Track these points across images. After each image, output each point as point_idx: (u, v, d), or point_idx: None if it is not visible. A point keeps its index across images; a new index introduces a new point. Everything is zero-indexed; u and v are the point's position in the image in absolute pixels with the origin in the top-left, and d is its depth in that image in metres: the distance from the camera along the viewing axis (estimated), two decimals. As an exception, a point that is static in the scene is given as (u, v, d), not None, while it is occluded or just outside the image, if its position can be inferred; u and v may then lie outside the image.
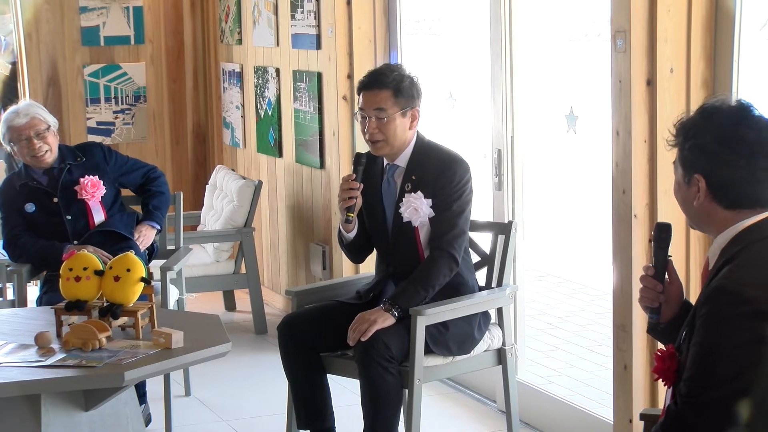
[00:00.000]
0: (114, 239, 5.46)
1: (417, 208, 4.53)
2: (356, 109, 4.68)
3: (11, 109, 5.56)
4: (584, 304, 7.90)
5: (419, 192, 4.54)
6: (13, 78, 8.51)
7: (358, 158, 4.64)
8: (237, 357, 6.09)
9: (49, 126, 5.50)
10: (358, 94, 4.66)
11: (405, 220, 4.54)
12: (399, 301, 4.46)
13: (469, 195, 4.61)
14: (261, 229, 7.59)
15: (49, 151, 5.48)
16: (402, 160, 4.64)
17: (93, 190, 5.46)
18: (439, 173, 4.57)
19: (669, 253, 3.02)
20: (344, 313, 4.64)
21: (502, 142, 5.41)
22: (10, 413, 3.88)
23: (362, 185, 4.59)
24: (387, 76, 4.59)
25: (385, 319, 4.41)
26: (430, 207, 4.53)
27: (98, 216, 5.53)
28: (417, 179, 4.58)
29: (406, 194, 4.57)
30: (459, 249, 4.57)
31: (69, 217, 5.49)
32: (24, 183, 5.53)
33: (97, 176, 5.51)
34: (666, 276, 3.03)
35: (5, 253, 5.81)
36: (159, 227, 5.70)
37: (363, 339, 4.37)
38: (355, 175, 4.59)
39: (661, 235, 3.02)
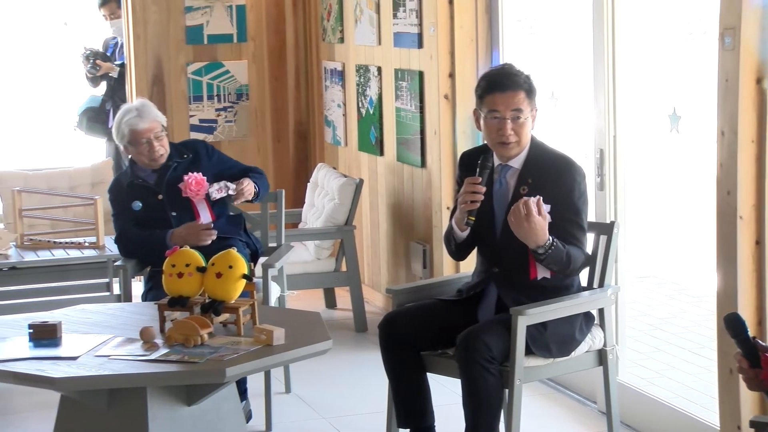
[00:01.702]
0: (218, 238, 5.48)
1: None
2: (483, 111, 4.57)
3: (129, 109, 5.58)
4: (686, 306, 7.80)
5: (538, 196, 4.47)
6: (121, 79, 8.65)
7: (484, 161, 4.55)
8: (337, 355, 6.11)
9: (164, 127, 5.58)
10: (485, 96, 4.54)
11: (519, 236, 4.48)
12: (555, 246, 4.38)
13: (587, 202, 4.58)
14: (362, 227, 7.61)
15: (165, 153, 5.56)
16: (516, 162, 4.60)
17: (197, 188, 5.47)
18: (558, 179, 4.52)
19: (751, 335, 3.01)
20: (445, 311, 4.64)
21: (605, 141, 5.37)
22: (118, 405, 3.95)
23: (485, 188, 4.54)
24: (518, 76, 4.54)
25: (538, 235, 4.34)
26: (548, 213, 4.47)
27: (204, 214, 5.55)
28: (533, 183, 4.52)
29: (523, 198, 4.50)
30: (586, 254, 4.58)
31: (174, 214, 5.54)
32: (131, 182, 5.60)
33: (201, 173, 5.53)
34: (760, 355, 3.01)
35: (115, 248, 5.90)
36: (258, 188, 5.62)
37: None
38: (480, 179, 4.54)
39: (736, 328, 3.01)
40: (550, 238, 4.38)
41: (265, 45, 8.28)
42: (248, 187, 5.55)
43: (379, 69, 7.23)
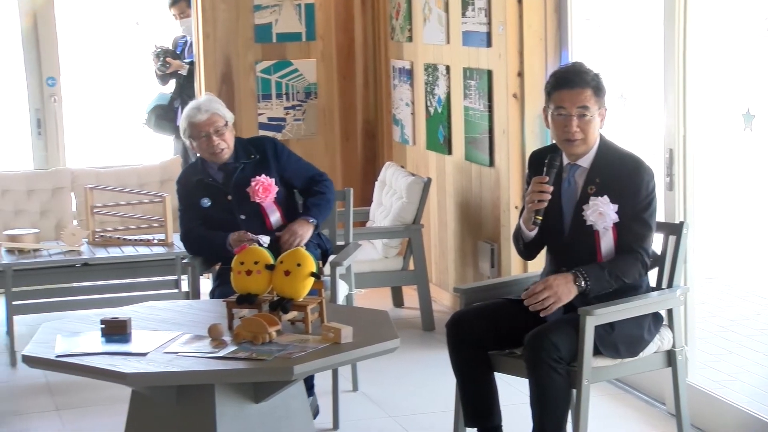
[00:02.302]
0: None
1: (603, 213, 4.46)
2: (550, 107, 4.57)
3: (192, 104, 5.59)
4: (759, 308, 7.71)
5: (605, 196, 4.47)
6: (190, 77, 8.71)
7: (552, 161, 4.55)
8: (404, 353, 6.11)
9: (227, 122, 5.53)
10: (553, 92, 4.54)
11: (588, 223, 4.47)
12: (590, 277, 4.42)
13: (656, 202, 4.55)
14: (429, 226, 7.61)
15: (226, 148, 5.52)
16: (585, 161, 4.58)
17: (265, 194, 5.43)
18: (627, 179, 4.50)
19: None
20: (513, 311, 4.62)
21: (675, 141, 5.32)
22: (187, 401, 3.98)
23: (552, 188, 4.53)
24: (587, 74, 4.53)
25: (569, 292, 4.40)
26: (616, 213, 4.45)
27: (273, 216, 5.54)
28: (601, 182, 4.51)
29: (591, 197, 4.49)
30: (650, 257, 4.54)
31: (243, 217, 5.50)
32: (200, 179, 5.59)
33: (269, 176, 5.47)
34: None
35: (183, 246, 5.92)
36: (314, 221, 5.53)
37: (542, 314, 4.41)
38: (547, 178, 4.53)
39: None
40: (578, 275, 4.42)
41: (333, 43, 8.30)
42: (297, 239, 5.42)
43: (448, 68, 7.22)
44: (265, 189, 5.42)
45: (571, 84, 4.51)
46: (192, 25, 8.62)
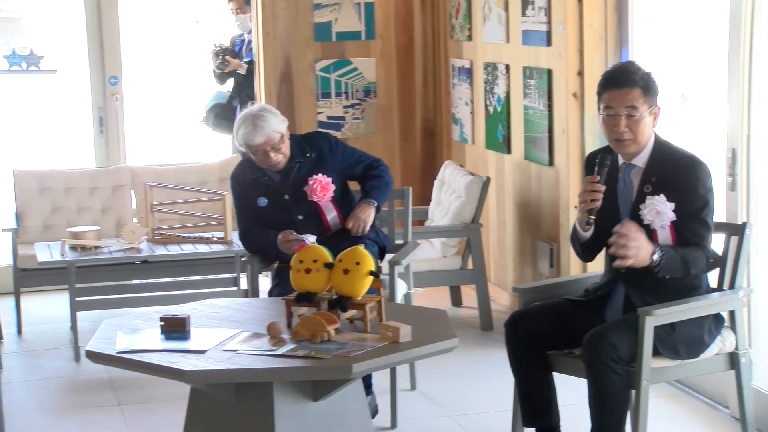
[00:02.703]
0: (346, 236, 5.47)
1: (660, 212, 4.42)
2: (600, 107, 4.56)
3: (245, 119, 5.43)
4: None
5: (662, 195, 4.44)
6: (249, 76, 8.75)
7: (603, 159, 4.53)
8: (463, 352, 6.10)
9: (282, 135, 5.45)
10: (603, 92, 4.54)
11: (645, 222, 4.44)
12: (665, 255, 4.37)
13: (713, 200, 4.51)
14: (488, 226, 7.59)
15: (283, 158, 5.46)
16: (640, 160, 4.55)
17: (322, 193, 5.39)
18: (683, 177, 4.46)
19: None
20: (572, 311, 4.61)
21: (738, 141, 5.27)
22: (245, 399, 4.00)
23: (605, 187, 4.51)
24: (635, 73, 4.50)
25: (645, 260, 4.35)
26: (673, 211, 4.42)
27: (330, 215, 5.49)
28: (658, 181, 4.47)
29: (647, 196, 4.46)
30: (710, 256, 4.51)
31: (300, 217, 5.47)
32: (255, 177, 5.55)
33: (326, 175, 5.42)
34: None
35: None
36: (375, 202, 5.52)
37: (616, 263, 4.37)
38: (599, 177, 4.51)
39: None
40: (657, 250, 4.35)
41: (393, 42, 8.30)
42: (361, 224, 5.46)
43: (507, 67, 7.19)
44: (323, 188, 5.39)
45: (618, 84, 4.50)
46: (246, 22, 8.66)
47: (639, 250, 4.34)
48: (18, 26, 11.97)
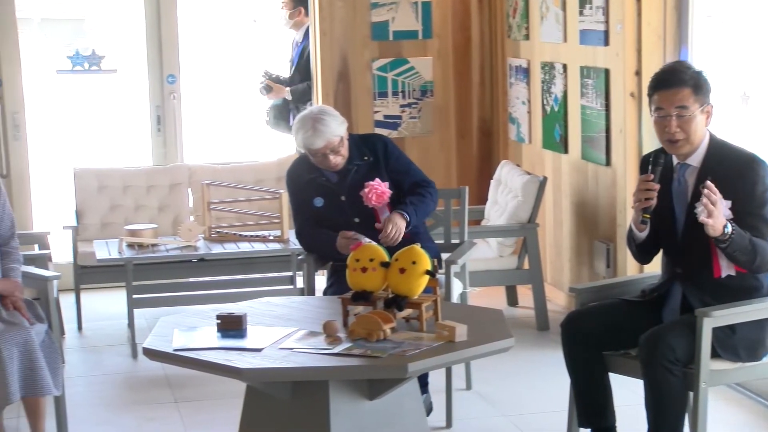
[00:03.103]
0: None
1: None
2: (651, 109, 4.53)
3: (305, 121, 5.39)
4: None
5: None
6: (302, 95, 8.74)
7: (656, 158, 4.51)
8: (518, 352, 6.07)
9: (342, 137, 5.40)
10: (653, 93, 4.52)
11: (700, 221, 4.40)
12: (736, 231, 4.30)
13: None
14: (544, 225, 7.56)
15: (341, 160, 5.43)
16: (695, 159, 4.52)
17: (379, 201, 5.29)
18: (739, 175, 4.42)
19: None
20: (628, 312, 4.59)
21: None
22: (301, 397, 4.01)
23: (659, 185, 4.48)
24: (684, 73, 4.48)
25: (719, 224, 4.27)
26: (729, 209, 4.38)
27: (385, 216, 5.46)
28: (713, 180, 4.43)
29: (703, 196, 4.42)
30: None
31: (357, 220, 5.43)
32: (312, 177, 5.52)
33: (381, 179, 5.35)
34: None
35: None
36: (408, 217, 5.34)
37: (701, 218, 4.26)
38: (653, 176, 4.48)
39: None
40: (728, 223, 4.30)
41: (450, 41, 8.29)
42: (393, 234, 5.26)
43: (565, 66, 7.17)
44: (378, 196, 5.29)
45: (668, 84, 4.47)
46: (285, 17, 8.65)
47: (719, 216, 4.29)
48: (81, 27, 12.09)
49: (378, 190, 5.30)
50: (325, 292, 5.48)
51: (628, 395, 4.96)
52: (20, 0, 8.11)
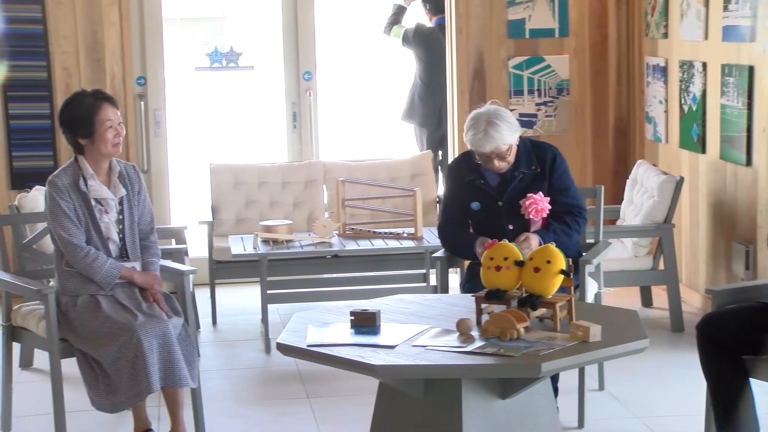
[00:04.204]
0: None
1: None
2: None
3: (477, 123, 5.24)
4: None
5: None
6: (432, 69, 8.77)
7: None
8: (652, 354, 5.99)
9: (511, 145, 5.26)
10: None
11: None
12: None
13: None
14: (681, 226, 7.45)
15: (506, 167, 5.30)
16: None
17: (537, 216, 5.20)
18: None
19: None
20: (768, 315, 4.50)
21: None
22: (434, 394, 4.01)
23: None
24: None
25: None
26: None
27: (536, 228, 5.30)
28: None
29: None
30: None
31: (511, 227, 5.31)
32: (472, 179, 5.41)
33: (544, 192, 5.25)
34: None
35: (432, 240, 5.92)
36: (542, 240, 5.15)
37: None
38: None
39: None
40: None
41: (586, 39, 8.22)
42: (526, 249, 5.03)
43: (704, 65, 7.05)
44: (537, 212, 5.20)
45: None
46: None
47: None
48: (221, 25, 12.28)
49: (539, 206, 5.21)
50: (461, 290, 5.46)
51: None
52: (165, 1, 8.26)
